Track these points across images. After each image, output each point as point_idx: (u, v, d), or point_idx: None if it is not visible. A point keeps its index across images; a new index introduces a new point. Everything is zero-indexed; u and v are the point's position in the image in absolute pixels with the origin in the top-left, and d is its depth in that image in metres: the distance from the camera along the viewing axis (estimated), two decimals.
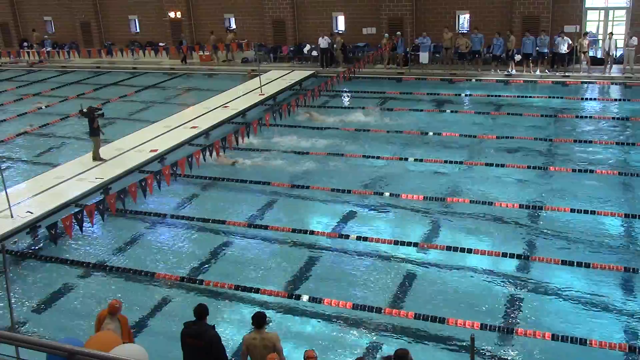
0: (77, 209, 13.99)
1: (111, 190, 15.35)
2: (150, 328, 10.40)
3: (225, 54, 31.30)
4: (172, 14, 33.16)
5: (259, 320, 7.99)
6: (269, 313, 10.50)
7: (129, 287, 11.73)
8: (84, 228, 13.59)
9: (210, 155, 16.98)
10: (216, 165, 17.25)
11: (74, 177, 16.04)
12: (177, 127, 20.01)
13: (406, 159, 17.11)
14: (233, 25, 32.79)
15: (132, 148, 18.07)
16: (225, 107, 22.26)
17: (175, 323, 9.79)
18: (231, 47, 29.88)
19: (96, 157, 17.01)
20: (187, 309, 9.87)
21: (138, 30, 35.29)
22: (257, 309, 10.55)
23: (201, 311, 8.00)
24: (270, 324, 9.91)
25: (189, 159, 16.16)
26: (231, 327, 10.26)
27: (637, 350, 9.04)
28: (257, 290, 11.08)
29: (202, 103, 23.04)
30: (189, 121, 20.54)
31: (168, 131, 19.58)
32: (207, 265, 12.34)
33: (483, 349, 9.30)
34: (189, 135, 19.17)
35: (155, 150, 17.80)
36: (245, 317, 10.53)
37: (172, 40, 32.99)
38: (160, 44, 32.48)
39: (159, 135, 19.19)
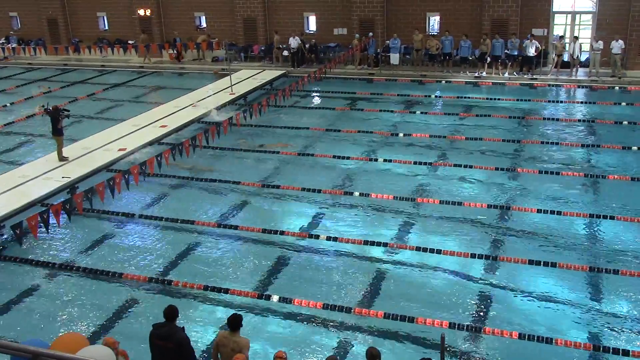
0: (43, 209, 13.74)
1: (78, 189, 15.11)
2: (118, 329, 10.25)
3: (197, 53, 31.08)
4: (141, 12, 32.78)
5: (234, 323, 7.95)
6: (239, 313, 10.44)
7: (96, 288, 11.55)
8: (50, 228, 13.35)
9: (180, 154, 16.83)
10: (185, 165, 17.09)
11: (40, 176, 15.77)
12: (146, 125, 19.80)
13: (376, 160, 17.18)
14: (204, 24, 32.56)
15: (99, 147, 17.83)
16: (195, 106, 22.09)
17: (144, 324, 9.69)
18: (201, 46, 29.65)
19: (61, 157, 16.73)
20: (155, 310, 9.78)
21: (107, 27, 34.80)
22: (226, 309, 10.55)
23: (171, 313, 7.92)
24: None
25: (158, 158, 16.01)
26: (201, 327, 10.18)
27: (601, 349, 9.21)
28: (226, 291, 11.02)
29: (171, 102, 22.83)
30: (158, 120, 20.34)
31: (137, 130, 19.36)
32: (176, 266, 12.22)
33: (453, 348, 9.38)
34: (158, 134, 18.97)
35: (124, 149, 17.58)
36: (215, 317, 10.49)
37: (142, 38, 32.56)
38: (130, 41, 32.07)
39: (127, 134, 18.96)
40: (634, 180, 15.15)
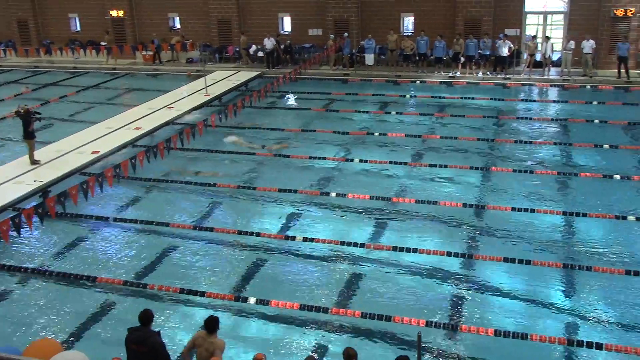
0: (14, 213, 13.52)
1: (51, 193, 14.89)
2: (93, 334, 10.12)
3: (171, 54, 30.87)
4: (114, 13, 32.45)
5: (210, 325, 7.93)
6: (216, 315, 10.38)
7: (70, 293, 11.38)
8: (22, 232, 13.13)
9: (155, 156, 16.68)
10: (160, 167, 16.92)
11: (11, 180, 15.51)
12: (119, 128, 19.60)
13: (352, 160, 17.21)
14: (178, 25, 32.35)
15: (72, 150, 17.60)
16: (170, 107, 21.94)
17: (119, 329, 9.56)
18: (175, 48, 29.47)
19: (32, 160, 16.49)
20: (130, 314, 9.67)
21: (78, 28, 34.39)
22: (203, 312, 10.47)
23: (146, 317, 7.85)
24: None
25: (132, 161, 15.85)
26: (176, 331, 10.09)
27: (575, 343, 9.33)
28: (202, 293, 10.94)
29: (145, 104, 22.63)
30: (132, 122, 20.15)
31: (110, 132, 19.16)
32: (151, 269, 12.10)
33: (429, 346, 9.43)
34: (132, 137, 18.79)
35: (97, 152, 17.38)
36: (192, 320, 10.40)
37: (115, 39, 32.28)
38: (102, 42, 31.73)
39: (100, 137, 18.75)
40: (605, 178, 15.37)
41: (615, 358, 9.06)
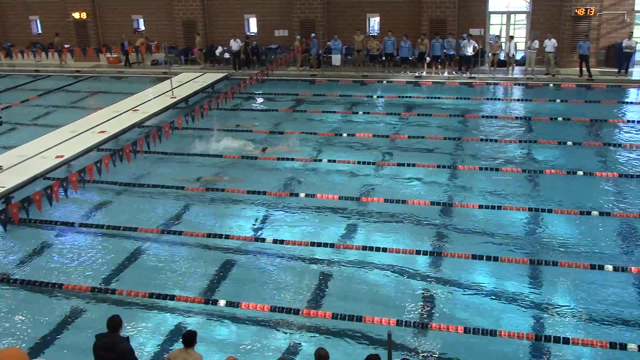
0: None
1: (14, 199, 14.57)
2: (61, 342, 9.95)
3: (136, 57, 30.51)
4: (76, 15, 31.94)
5: (188, 339, 7.85)
6: (187, 320, 10.31)
7: (35, 300, 11.15)
8: None
9: (121, 160, 16.46)
10: (126, 170, 16.70)
11: None
12: (84, 132, 19.29)
13: (320, 160, 17.22)
14: (142, 27, 31.99)
15: (36, 154, 17.24)
16: (136, 110, 21.68)
17: (88, 336, 9.39)
18: (140, 50, 29.14)
19: None
20: (99, 321, 9.52)
21: (40, 31, 33.77)
22: (173, 317, 10.39)
23: (114, 323, 7.74)
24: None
25: (98, 165, 15.62)
26: (146, 336, 9.97)
27: (543, 339, 9.48)
28: (172, 297, 10.83)
29: (110, 107, 22.32)
30: (97, 125, 19.85)
31: (75, 136, 18.84)
32: (120, 274, 11.93)
33: (400, 344, 9.48)
34: (97, 140, 18.51)
35: (61, 157, 17.07)
36: (162, 325, 10.30)
37: (77, 41, 31.80)
38: (65, 45, 31.20)
39: (65, 141, 18.42)
40: (569, 174, 15.66)
41: (582, 352, 9.23)
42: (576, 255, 11.94)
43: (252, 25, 30.58)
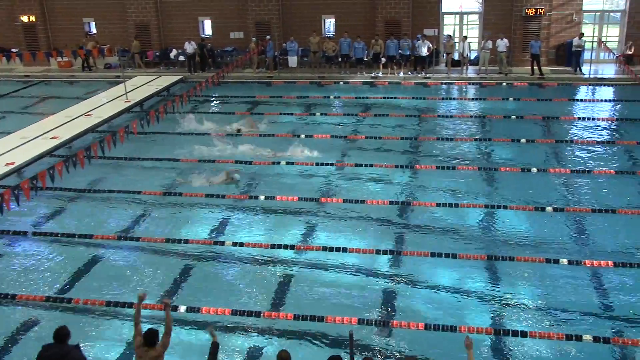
0: None
1: None
2: (15, 355, 9.66)
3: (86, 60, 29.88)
4: (24, 18, 31.14)
5: (149, 338, 7.78)
6: (147, 327, 10.11)
7: None
8: None
9: (75, 166, 16.09)
10: (80, 177, 16.33)
11: None
12: (35, 138, 18.83)
13: (279, 163, 17.16)
14: (93, 30, 31.38)
15: None
16: (89, 115, 21.26)
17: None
18: (92, 53, 28.56)
19: None
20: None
21: None
22: (132, 324, 10.18)
23: (61, 334, 7.58)
24: None
25: (51, 171, 15.24)
26: (106, 344, 9.77)
27: (502, 332, 9.64)
28: (130, 305, 10.63)
29: (63, 112, 21.82)
30: (49, 131, 19.40)
31: (25, 143, 18.37)
32: (75, 283, 11.65)
33: (362, 343, 9.50)
34: (49, 146, 18.08)
35: (12, 164, 16.63)
36: (120, 333, 10.11)
37: (26, 45, 31.00)
38: (13, 49, 30.37)
39: (15, 147, 17.95)
40: (523, 171, 15.97)
41: (540, 344, 9.41)
42: (532, 250, 12.17)
43: (207, 28, 30.31)
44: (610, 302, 10.53)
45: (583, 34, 25.74)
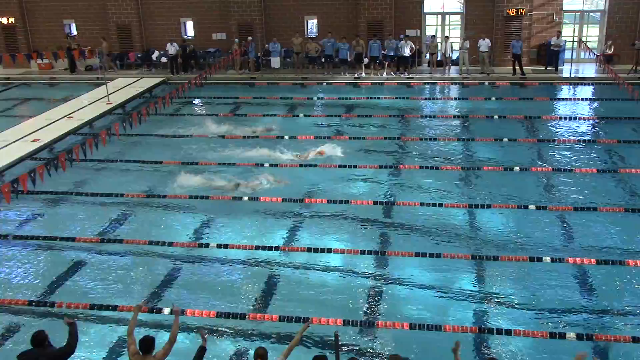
0: None
1: None
2: None
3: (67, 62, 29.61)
4: (3, 20, 30.81)
5: (145, 346, 7.72)
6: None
7: None
8: None
9: (56, 169, 15.93)
10: (63, 179, 16.17)
11: None
12: (16, 140, 18.62)
13: (262, 165, 17.11)
14: (74, 32, 31.11)
15: None
16: (70, 117, 21.06)
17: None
18: (73, 55, 28.31)
19: None
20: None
21: None
22: (116, 327, 10.13)
23: (38, 339, 7.54)
24: None
25: (32, 174, 15.08)
26: (90, 348, 9.68)
27: (486, 331, 9.70)
28: (115, 308, 10.56)
29: (44, 114, 21.60)
30: (30, 134, 19.19)
31: (5, 146, 18.16)
32: (58, 287, 11.55)
33: (347, 344, 9.51)
34: (30, 149, 17.88)
35: None
36: (104, 336, 10.03)
37: (5, 47, 30.65)
38: None
39: None
40: (506, 170, 16.08)
41: (524, 342, 9.48)
42: (515, 248, 12.26)
43: (189, 29, 30.19)
44: (594, 300, 10.63)
45: (560, 32, 26.01)
